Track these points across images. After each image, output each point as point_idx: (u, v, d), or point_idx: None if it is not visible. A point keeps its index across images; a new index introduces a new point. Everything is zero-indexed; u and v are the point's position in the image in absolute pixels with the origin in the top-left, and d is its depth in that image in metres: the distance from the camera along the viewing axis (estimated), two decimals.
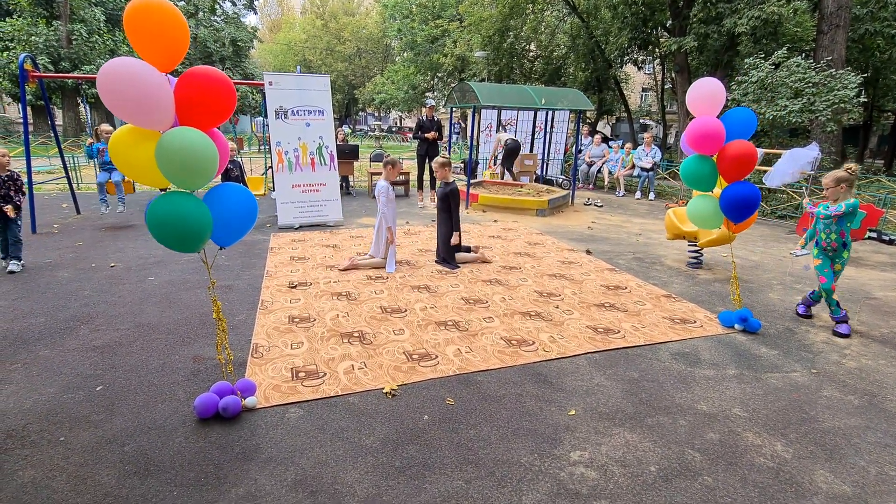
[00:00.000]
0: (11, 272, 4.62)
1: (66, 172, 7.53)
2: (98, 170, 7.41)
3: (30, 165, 6.65)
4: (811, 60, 9.63)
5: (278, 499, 2.02)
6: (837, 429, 2.63)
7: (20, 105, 7.05)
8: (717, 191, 3.88)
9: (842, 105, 8.72)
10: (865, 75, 11.48)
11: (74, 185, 7.57)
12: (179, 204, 2.27)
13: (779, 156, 7.98)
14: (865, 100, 10.83)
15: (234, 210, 2.50)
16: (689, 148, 3.86)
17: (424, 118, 10.15)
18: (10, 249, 4.70)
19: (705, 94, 3.72)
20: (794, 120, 8.99)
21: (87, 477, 2.10)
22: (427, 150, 9.92)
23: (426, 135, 9.66)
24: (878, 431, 2.61)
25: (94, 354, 3.14)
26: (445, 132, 11.44)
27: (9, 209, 4.52)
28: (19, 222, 4.71)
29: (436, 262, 5.34)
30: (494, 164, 11.59)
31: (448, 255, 5.23)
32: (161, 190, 4.20)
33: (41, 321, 3.61)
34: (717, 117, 3.74)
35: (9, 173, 4.60)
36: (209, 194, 2.50)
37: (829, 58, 10.09)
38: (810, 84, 8.94)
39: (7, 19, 18.94)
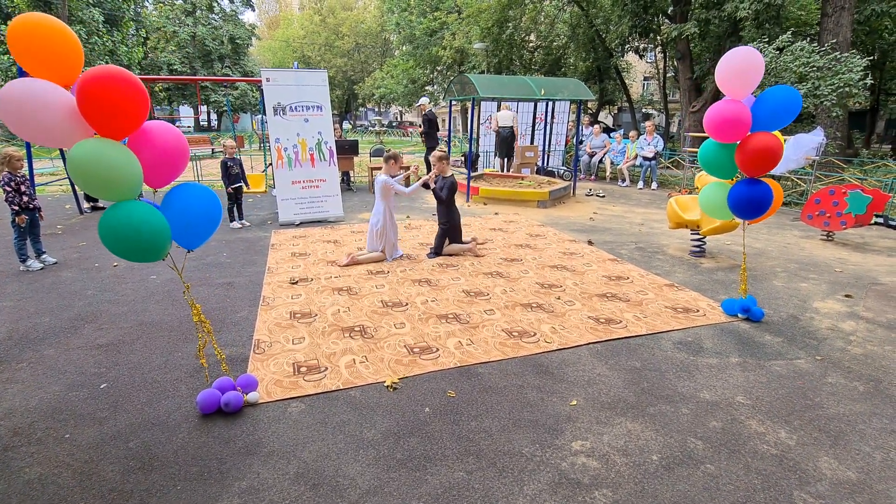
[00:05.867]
0: (34, 269, 4.78)
1: (68, 173, 7.55)
2: None
3: (31, 167, 6.67)
4: (816, 44, 9.48)
5: (280, 492, 2.03)
6: (842, 415, 2.61)
7: None
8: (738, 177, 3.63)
9: (847, 89, 8.60)
10: (872, 58, 11.29)
11: (77, 187, 7.59)
12: (130, 214, 2.11)
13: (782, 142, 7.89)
14: (872, 83, 10.67)
15: (195, 211, 2.36)
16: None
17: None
18: (37, 246, 4.95)
19: (737, 68, 3.22)
20: None
21: (92, 473, 2.12)
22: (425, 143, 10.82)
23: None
24: (884, 417, 2.59)
25: (99, 353, 3.17)
26: (451, 127, 11.72)
27: (41, 215, 4.94)
28: (23, 226, 4.75)
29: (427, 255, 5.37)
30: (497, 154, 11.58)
31: (439, 244, 5.31)
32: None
33: (46, 321, 3.64)
34: (754, 95, 3.36)
35: (22, 174, 4.75)
36: (168, 196, 2.36)
37: (834, 41, 9.92)
38: (815, 68, 8.81)
39: (7, 22, 18.97)
